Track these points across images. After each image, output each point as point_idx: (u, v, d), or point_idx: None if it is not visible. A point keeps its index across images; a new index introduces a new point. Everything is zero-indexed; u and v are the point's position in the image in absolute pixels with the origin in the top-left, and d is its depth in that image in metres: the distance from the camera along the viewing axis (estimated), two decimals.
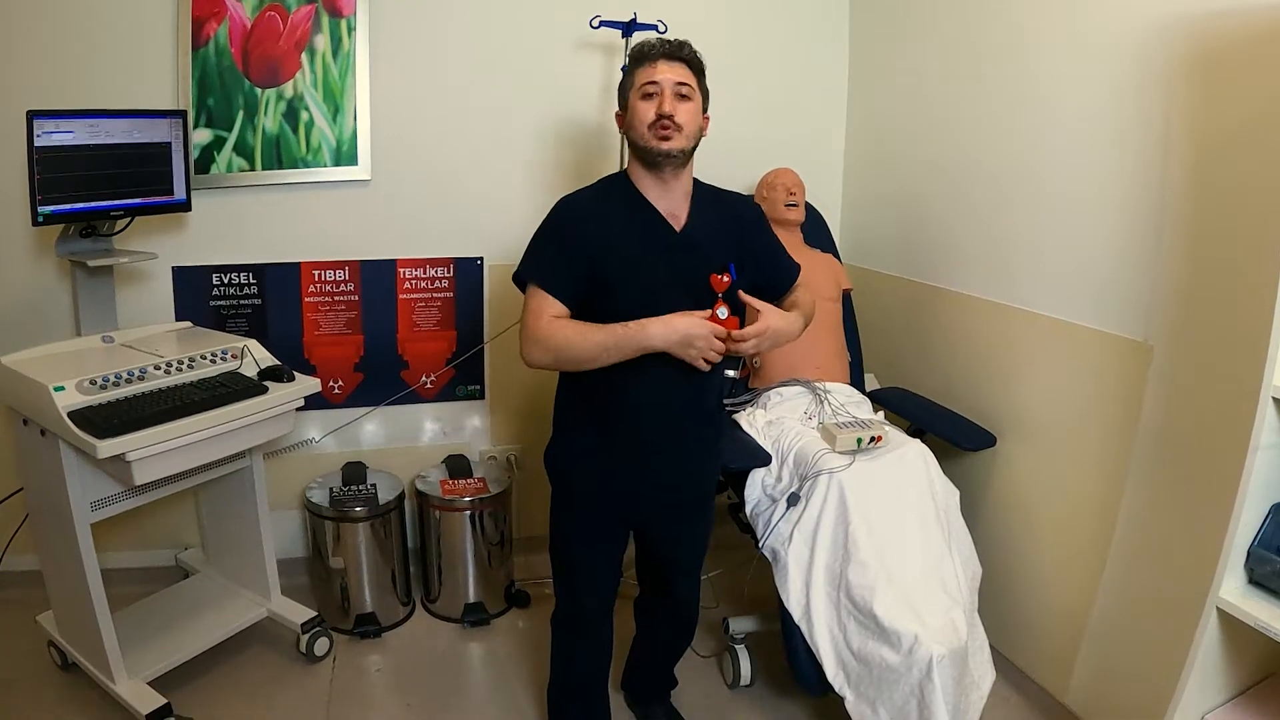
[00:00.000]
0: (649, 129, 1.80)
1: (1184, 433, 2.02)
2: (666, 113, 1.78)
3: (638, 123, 1.82)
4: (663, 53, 1.82)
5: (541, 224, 1.91)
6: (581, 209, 1.88)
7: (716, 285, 1.81)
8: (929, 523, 2.22)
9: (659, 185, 1.87)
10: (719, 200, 1.98)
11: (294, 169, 2.84)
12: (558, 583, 2.13)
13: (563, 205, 1.90)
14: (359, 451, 3.10)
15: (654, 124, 1.79)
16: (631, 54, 1.88)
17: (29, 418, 2.12)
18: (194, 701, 2.38)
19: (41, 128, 2.14)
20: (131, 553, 2.95)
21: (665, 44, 1.84)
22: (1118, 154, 2.14)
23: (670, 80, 1.80)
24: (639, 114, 1.82)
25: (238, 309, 2.90)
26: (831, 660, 2.12)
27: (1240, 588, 1.60)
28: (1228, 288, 1.89)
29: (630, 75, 1.87)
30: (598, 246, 1.83)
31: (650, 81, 1.81)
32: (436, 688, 2.55)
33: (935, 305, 2.86)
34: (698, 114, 1.85)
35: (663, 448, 1.96)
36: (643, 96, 1.82)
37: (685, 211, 1.89)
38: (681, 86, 1.81)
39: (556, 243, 1.87)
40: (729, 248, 1.90)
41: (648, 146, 1.82)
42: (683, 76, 1.82)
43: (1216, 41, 1.88)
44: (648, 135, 1.81)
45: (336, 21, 2.77)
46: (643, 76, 1.83)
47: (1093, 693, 2.31)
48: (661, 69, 1.81)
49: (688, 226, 1.89)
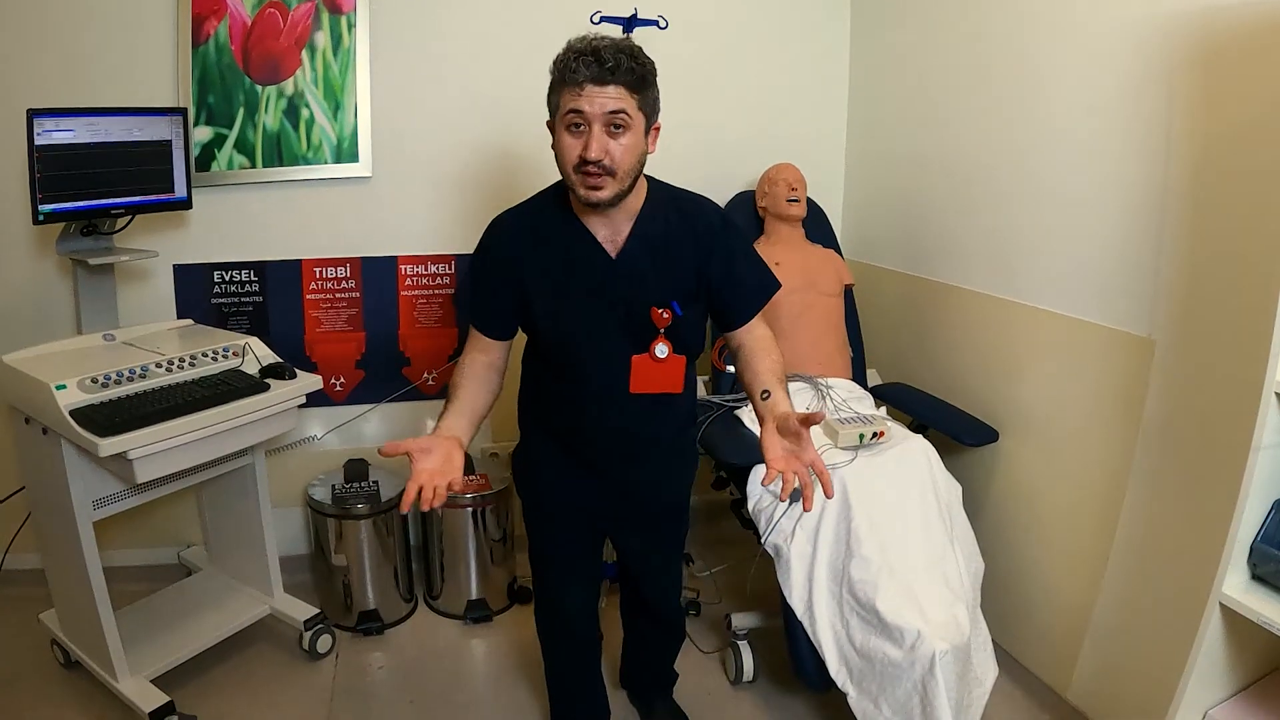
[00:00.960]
0: (575, 172, 1.53)
1: (1187, 428, 2.02)
2: (593, 158, 1.49)
3: (562, 159, 1.54)
4: (591, 75, 1.47)
5: (472, 257, 1.76)
6: (509, 234, 1.70)
7: (658, 321, 1.65)
8: (931, 518, 2.22)
9: (594, 213, 1.63)
10: (673, 213, 1.70)
11: (295, 166, 2.84)
12: (535, 584, 2.12)
13: (490, 233, 1.73)
14: (361, 448, 3.10)
15: (579, 168, 1.52)
16: (552, 68, 1.54)
17: (31, 416, 2.12)
18: (197, 699, 2.38)
19: (42, 126, 2.14)
20: (134, 550, 2.96)
21: (594, 60, 1.46)
22: (1120, 149, 2.14)
23: (599, 111, 1.48)
24: (563, 149, 1.53)
25: (239, 306, 2.90)
26: (834, 656, 2.12)
27: (1243, 583, 1.60)
28: (1231, 282, 1.89)
29: (554, 93, 1.55)
30: (521, 272, 1.67)
31: (573, 110, 1.49)
32: (439, 685, 2.55)
33: (937, 300, 2.86)
34: (638, 143, 1.55)
35: (618, 461, 1.86)
36: (567, 127, 1.52)
37: (625, 235, 1.66)
38: (616, 115, 1.49)
39: (483, 277, 1.72)
40: (677, 275, 1.68)
41: (574, 190, 1.56)
42: (617, 102, 1.48)
43: (1219, 36, 1.87)
44: (574, 178, 1.54)
45: (337, 18, 2.76)
46: (566, 101, 1.50)
47: (1095, 688, 2.31)
48: (588, 96, 1.47)
49: (625, 253, 1.66)
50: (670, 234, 1.68)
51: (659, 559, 2.12)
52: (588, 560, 2.07)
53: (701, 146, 2.99)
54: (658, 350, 1.67)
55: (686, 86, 1.79)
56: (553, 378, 1.82)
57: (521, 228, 1.71)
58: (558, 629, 2.14)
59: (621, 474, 1.88)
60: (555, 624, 2.13)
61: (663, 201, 1.70)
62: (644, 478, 1.91)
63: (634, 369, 1.69)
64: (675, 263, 1.68)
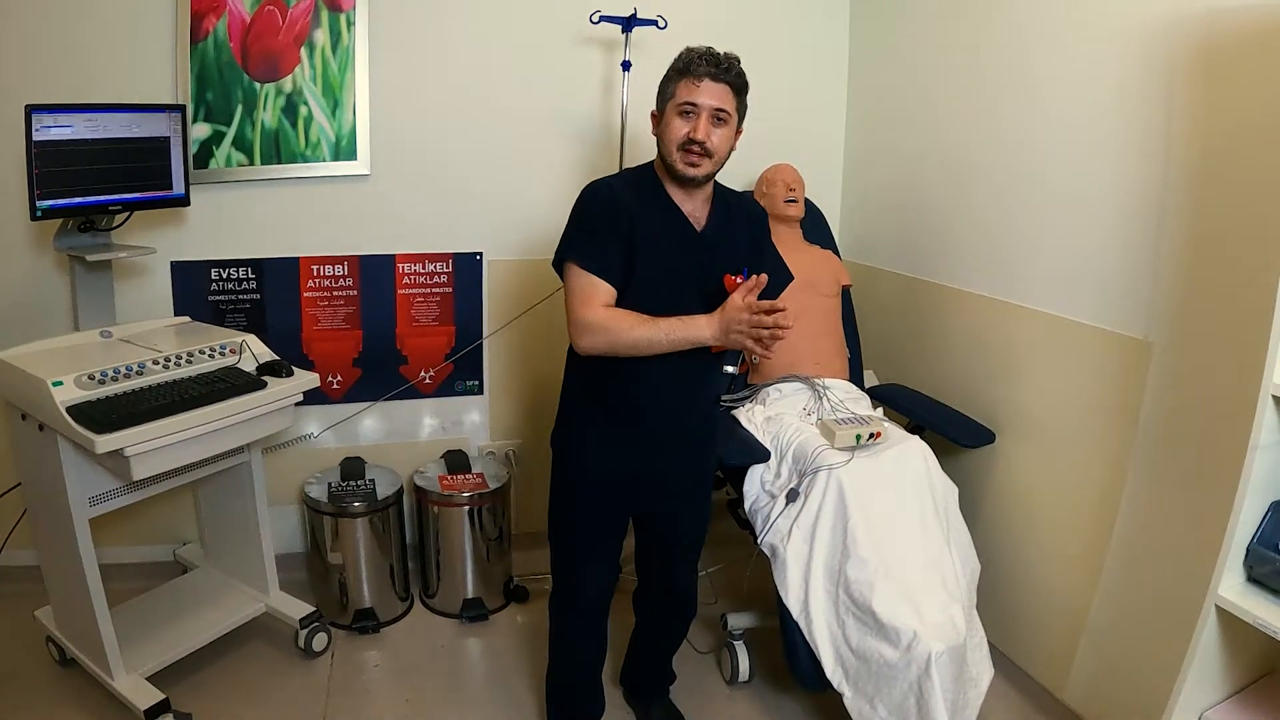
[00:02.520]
0: (678, 149, 1.79)
1: (1184, 430, 2.02)
2: (699, 139, 1.76)
3: (668, 139, 1.81)
4: (708, 72, 1.76)
5: (576, 207, 1.88)
6: (615, 191, 1.86)
7: (729, 285, 1.81)
8: (928, 519, 2.22)
9: (682, 190, 1.87)
10: (733, 202, 1.98)
11: (293, 164, 2.83)
12: (556, 568, 2.13)
13: (597, 188, 1.88)
14: (357, 447, 3.10)
15: (684, 146, 1.78)
16: (677, 62, 1.82)
17: (27, 412, 2.12)
18: (192, 697, 2.38)
19: (40, 122, 2.13)
20: (130, 548, 2.95)
21: (713, 61, 1.77)
22: (1119, 151, 2.14)
23: (710, 105, 1.76)
24: (672, 130, 1.80)
25: (236, 304, 2.90)
26: (830, 656, 2.12)
27: (1239, 585, 1.60)
28: (1228, 285, 1.89)
29: (671, 84, 1.82)
30: (631, 229, 1.82)
31: (689, 101, 1.77)
32: (435, 683, 2.55)
33: (935, 302, 2.86)
34: (730, 137, 1.83)
35: (664, 438, 1.99)
36: (679, 113, 1.79)
37: (706, 214, 1.90)
38: (720, 112, 1.77)
39: (597, 223, 1.84)
40: (741, 250, 1.92)
41: (674, 166, 1.81)
42: (723, 101, 1.78)
43: (1219, 38, 1.87)
44: (675, 155, 1.80)
45: (336, 16, 2.76)
46: (683, 93, 1.78)
47: (1091, 690, 2.31)
48: (705, 90, 1.77)
49: (708, 228, 1.90)
50: (733, 215, 1.96)
51: (687, 532, 2.18)
52: (612, 548, 2.11)
53: None
54: None
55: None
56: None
57: (624, 188, 1.89)
58: (577, 614, 2.14)
59: (663, 450, 2.01)
60: (574, 609, 2.14)
61: (723, 192, 1.97)
62: (682, 455, 2.06)
63: None
64: (739, 238, 1.95)
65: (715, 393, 2.12)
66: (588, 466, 2.02)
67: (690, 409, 2.01)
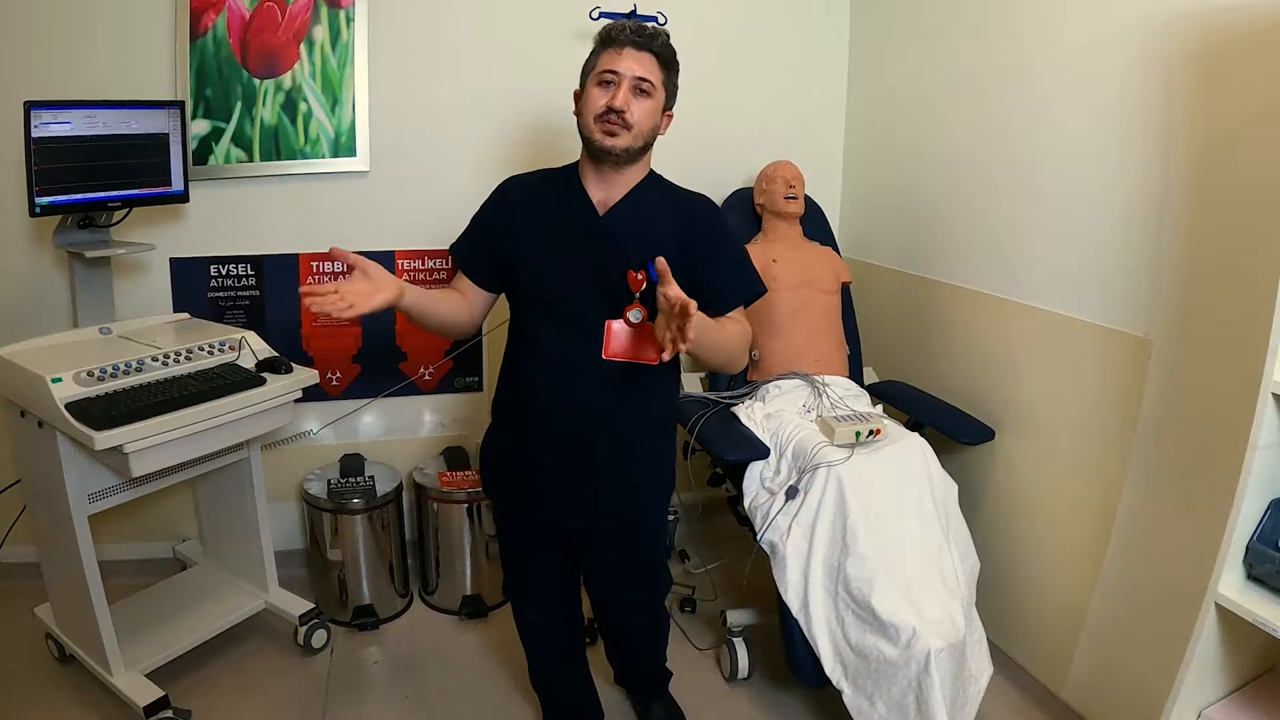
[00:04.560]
0: (595, 120, 1.70)
1: (1184, 428, 2.02)
2: (617, 107, 1.67)
3: (586, 110, 1.72)
4: (630, 40, 1.69)
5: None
6: (514, 188, 1.86)
7: (632, 284, 1.70)
8: (927, 516, 2.22)
9: (598, 178, 1.78)
10: (669, 197, 1.84)
11: (292, 160, 2.83)
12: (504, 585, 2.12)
13: (503, 183, 1.88)
14: (357, 443, 3.10)
15: (602, 116, 1.69)
16: (600, 34, 1.75)
17: (26, 409, 2.11)
18: (192, 693, 2.38)
19: (39, 118, 2.13)
20: (129, 545, 2.96)
21: (636, 31, 1.69)
22: (1119, 148, 2.14)
23: (631, 73, 1.68)
24: (590, 100, 1.72)
25: (235, 300, 2.90)
26: (829, 653, 2.12)
27: (1239, 583, 1.60)
28: (1229, 283, 1.89)
29: (594, 57, 1.75)
30: (515, 223, 1.78)
31: (610, 70, 1.69)
32: (434, 680, 2.55)
33: (934, 299, 2.86)
34: (655, 112, 1.73)
35: (577, 453, 1.81)
36: (599, 83, 1.71)
37: (618, 198, 1.78)
38: (642, 81, 1.69)
39: (479, 218, 1.86)
40: (659, 247, 1.63)
41: (590, 138, 1.72)
42: (646, 70, 1.69)
43: (1219, 36, 1.87)
44: (593, 126, 1.71)
45: (335, 12, 2.76)
46: (604, 62, 1.70)
47: (1090, 687, 2.32)
48: (626, 59, 1.68)
49: (612, 214, 1.77)
50: (658, 208, 1.80)
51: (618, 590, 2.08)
52: (549, 573, 2.03)
53: (699, 143, 2.98)
54: (630, 315, 1.71)
55: (685, 83, 1.80)
56: (529, 344, 1.81)
57: (530, 181, 1.86)
58: (530, 634, 2.15)
59: (588, 468, 1.82)
60: (526, 629, 2.14)
61: (658, 184, 1.84)
62: (614, 477, 1.85)
63: (607, 332, 1.72)
64: (657, 231, 1.76)
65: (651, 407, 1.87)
66: (500, 492, 1.92)
67: (607, 429, 1.80)
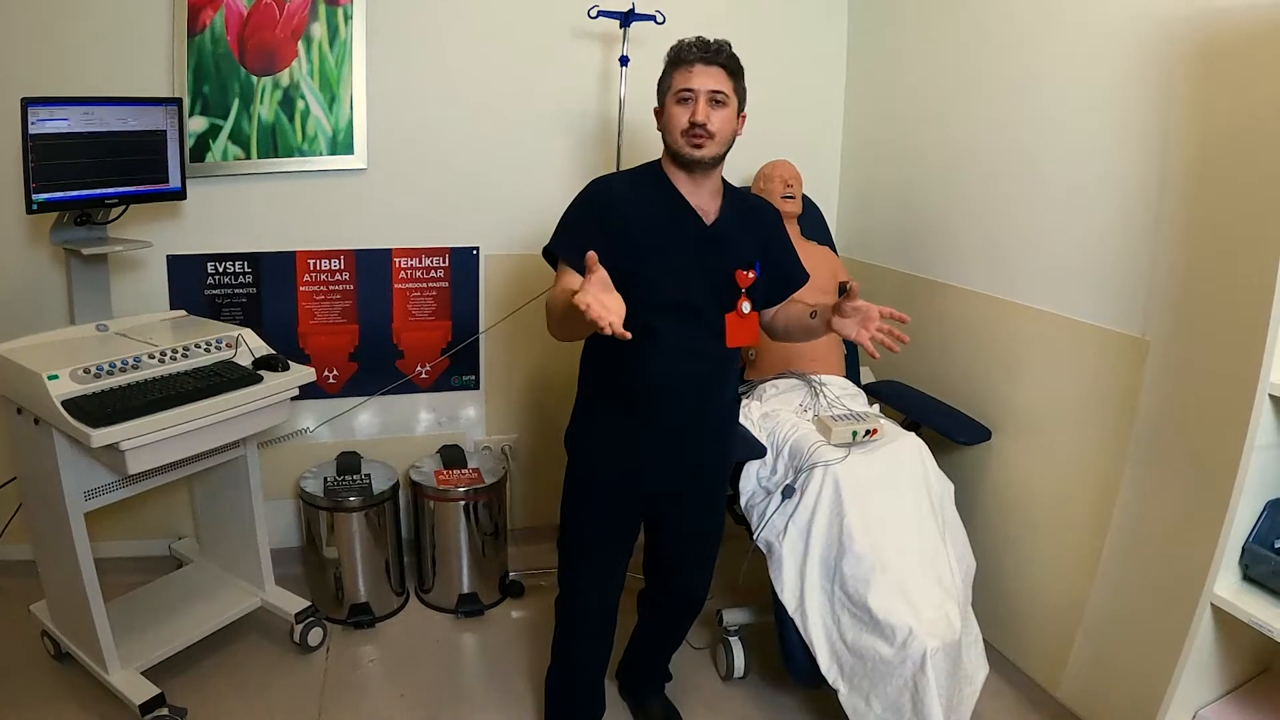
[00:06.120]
0: (682, 135, 1.82)
1: (1180, 429, 2.02)
2: (699, 121, 1.79)
3: (672, 127, 1.84)
4: (699, 57, 1.81)
5: (573, 201, 1.90)
6: (614, 189, 1.89)
7: (742, 281, 1.86)
8: (924, 516, 2.22)
9: (690, 182, 1.88)
10: (743, 200, 2.00)
11: (290, 158, 2.82)
12: (564, 570, 2.12)
13: (595, 185, 1.92)
14: (353, 441, 3.10)
15: (687, 131, 1.81)
16: (669, 55, 1.87)
17: (23, 406, 2.11)
18: (187, 691, 2.38)
19: (36, 115, 2.13)
20: (125, 542, 2.95)
21: (702, 47, 1.82)
22: (1117, 149, 2.14)
23: (705, 88, 1.80)
24: (673, 119, 1.83)
25: (232, 298, 2.89)
26: (825, 653, 2.13)
27: (1235, 584, 1.61)
28: (1226, 284, 1.89)
29: (667, 77, 1.86)
30: (628, 227, 1.82)
31: (685, 88, 1.81)
32: (430, 678, 2.55)
33: (932, 299, 2.86)
34: (732, 119, 1.85)
35: (678, 436, 1.97)
36: (677, 101, 1.83)
37: (716, 207, 1.91)
38: (717, 94, 1.81)
39: (586, 218, 1.86)
40: (753, 246, 1.92)
41: (679, 152, 1.84)
42: (718, 83, 1.81)
43: (1217, 37, 1.87)
44: (680, 141, 1.82)
45: (333, 10, 2.75)
46: (679, 81, 1.82)
47: (1086, 687, 2.32)
48: (697, 75, 1.80)
49: (718, 221, 1.90)
50: (746, 210, 1.98)
51: (699, 540, 2.16)
52: (622, 556, 2.09)
53: None
54: (743, 307, 1.89)
55: None
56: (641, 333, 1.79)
57: (625, 184, 1.92)
58: (582, 623, 2.14)
59: (684, 437, 1.98)
60: (578, 617, 2.13)
61: (734, 191, 1.99)
62: (701, 447, 2.02)
63: (729, 325, 1.90)
64: (752, 234, 1.95)
65: (732, 389, 2.09)
66: (600, 466, 2.01)
67: (705, 406, 1.99)
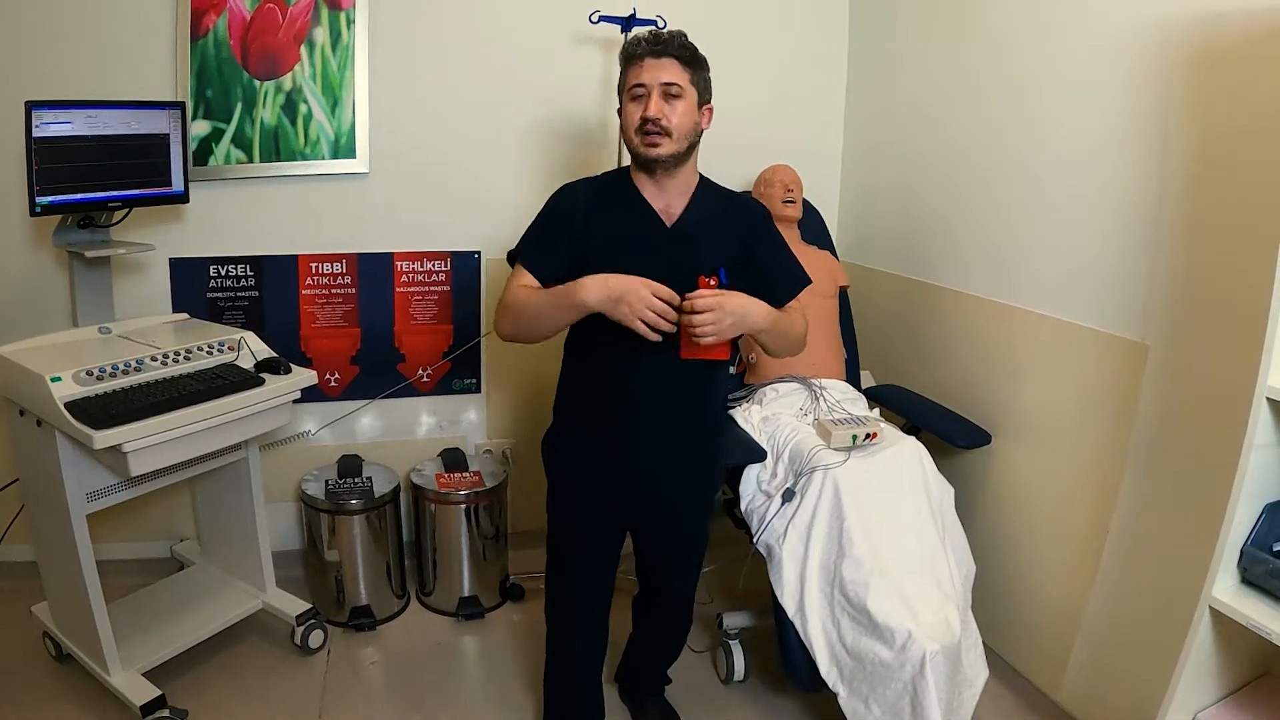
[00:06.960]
0: (636, 134, 1.76)
1: (1179, 432, 2.03)
2: (651, 116, 1.73)
3: (627, 125, 1.78)
4: (649, 50, 1.75)
5: (542, 208, 1.90)
6: (576, 194, 1.87)
7: (702, 287, 1.72)
8: (923, 520, 2.22)
9: (653, 184, 1.83)
10: (724, 199, 1.92)
11: (292, 161, 2.83)
12: (551, 572, 2.12)
13: (561, 191, 1.90)
14: (355, 444, 3.10)
15: (640, 128, 1.75)
16: (621, 53, 1.82)
17: (25, 408, 2.12)
18: (188, 693, 2.38)
19: (40, 118, 2.14)
20: (127, 544, 2.96)
21: (652, 40, 1.76)
22: (1116, 153, 2.15)
23: (657, 80, 1.73)
24: (628, 116, 1.78)
25: (235, 301, 2.90)
26: (825, 656, 2.13)
27: (1233, 587, 1.61)
28: (1225, 288, 1.90)
29: (622, 75, 1.81)
30: (586, 230, 1.81)
31: (637, 84, 1.75)
32: (431, 681, 2.55)
33: (932, 303, 2.87)
34: (691, 111, 1.77)
35: (650, 444, 1.92)
36: (631, 98, 1.77)
37: (682, 207, 1.85)
38: (670, 86, 1.74)
39: (546, 223, 1.87)
40: (726, 248, 1.84)
41: (636, 151, 1.79)
42: (671, 75, 1.74)
43: (1216, 42, 1.88)
44: (636, 140, 1.77)
45: (335, 14, 2.76)
46: (631, 77, 1.77)
47: (1085, 691, 2.32)
48: (648, 68, 1.74)
49: (681, 222, 1.84)
50: (721, 211, 1.89)
51: (678, 553, 2.14)
52: (606, 561, 2.08)
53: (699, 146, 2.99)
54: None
55: None
56: (602, 347, 1.84)
57: (589, 190, 1.88)
58: (569, 625, 2.13)
59: (658, 455, 1.93)
60: (567, 620, 2.13)
61: (713, 189, 1.92)
62: (678, 457, 1.97)
63: (682, 333, 1.73)
64: (724, 234, 1.87)
65: (717, 397, 2.03)
66: (576, 470, 1.98)
67: (681, 413, 1.93)
